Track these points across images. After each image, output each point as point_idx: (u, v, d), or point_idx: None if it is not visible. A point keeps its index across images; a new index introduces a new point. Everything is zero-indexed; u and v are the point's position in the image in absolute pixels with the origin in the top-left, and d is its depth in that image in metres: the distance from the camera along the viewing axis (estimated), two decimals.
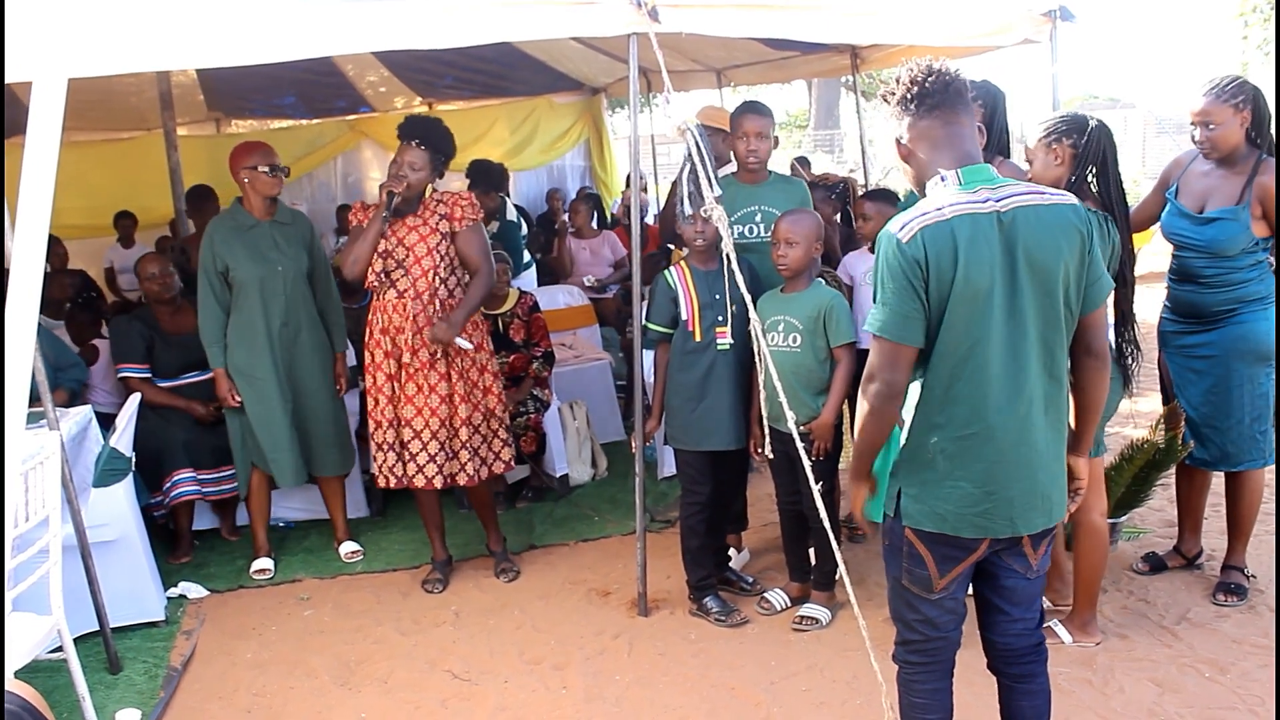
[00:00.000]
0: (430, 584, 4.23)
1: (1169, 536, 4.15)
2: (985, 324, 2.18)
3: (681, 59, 6.87)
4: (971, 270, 2.15)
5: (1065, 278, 2.21)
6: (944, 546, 2.35)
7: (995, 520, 2.28)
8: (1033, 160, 3.36)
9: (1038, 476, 2.29)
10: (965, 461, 2.27)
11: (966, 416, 2.25)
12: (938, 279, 2.17)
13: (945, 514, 2.30)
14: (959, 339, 2.20)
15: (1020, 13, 4.15)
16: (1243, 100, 3.49)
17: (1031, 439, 2.26)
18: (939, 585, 2.39)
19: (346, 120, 9.11)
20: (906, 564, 2.41)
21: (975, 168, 2.26)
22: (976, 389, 2.23)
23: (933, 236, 2.16)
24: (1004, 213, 2.18)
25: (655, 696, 3.33)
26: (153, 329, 4.74)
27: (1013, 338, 2.20)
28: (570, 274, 7.37)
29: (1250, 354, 3.58)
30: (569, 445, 5.36)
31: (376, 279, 3.99)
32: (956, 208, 2.18)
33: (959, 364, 2.22)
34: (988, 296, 2.17)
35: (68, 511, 3.36)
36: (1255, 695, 3.17)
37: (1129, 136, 19.11)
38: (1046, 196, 2.24)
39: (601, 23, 3.43)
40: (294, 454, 4.38)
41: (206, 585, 4.35)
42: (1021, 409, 2.24)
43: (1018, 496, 2.28)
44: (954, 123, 2.28)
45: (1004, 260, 2.17)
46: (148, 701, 3.44)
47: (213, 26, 3.08)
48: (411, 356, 3.98)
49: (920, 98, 2.28)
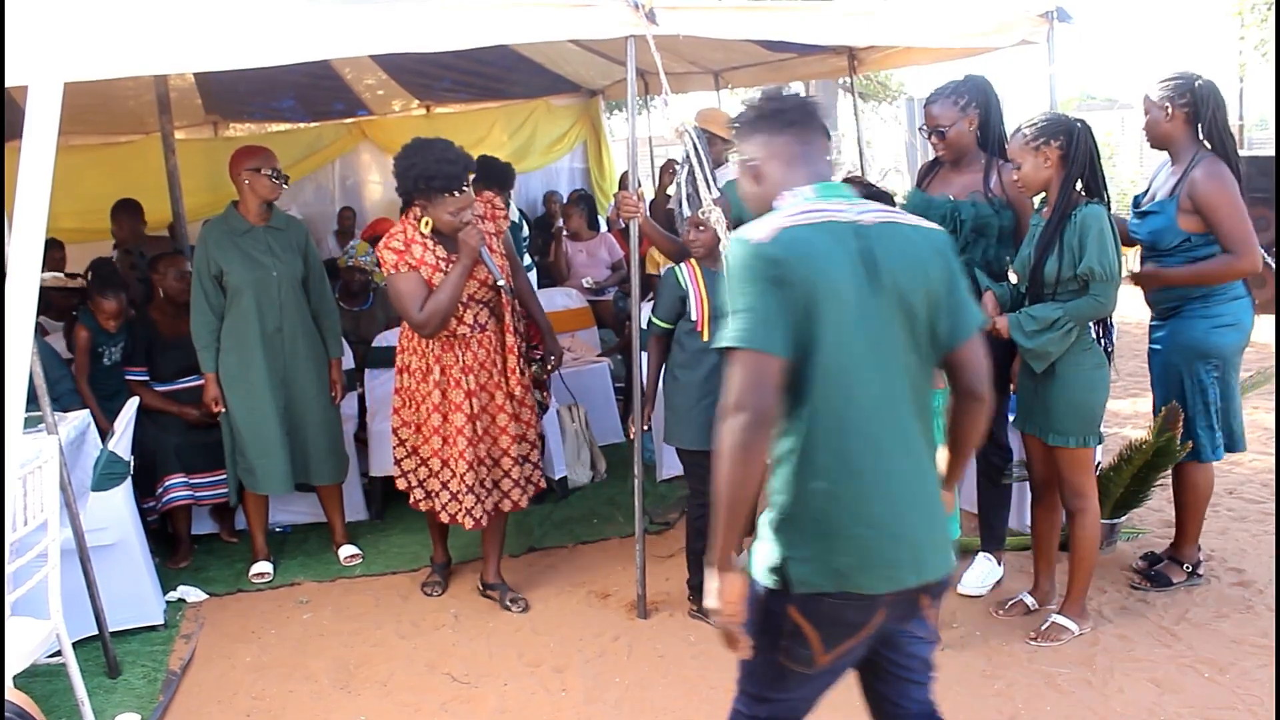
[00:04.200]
0: (430, 586, 4.22)
1: (1166, 537, 4.14)
2: (855, 337, 1.96)
3: (679, 61, 6.87)
4: (833, 275, 1.95)
5: (928, 303, 2.01)
6: (834, 621, 2.03)
7: (901, 569, 2.01)
8: (1020, 164, 3.37)
9: (932, 519, 2.06)
10: (859, 505, 1.98)
11: (854, 452, 1.98)
12: (795, 282, 1.93)
13: (845, 569, 1.99)
14: (831, 355, 1.95)
15: (1017, 13, 4.15)
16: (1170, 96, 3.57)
17: (921, 476, 2.05)
18: (823, 661, 2.06)
19: (345, 123, 9.09)
20: (785, 643, 2.06)
21: (830, 184, 2.12)
22: (859, 416, 1.97)
23: (791, 237, 1.97)
24: (862, 225, 2.02)
25: (655, 698, 3.33)
26: (151, 332, 4.74)
27: (883, 357, 1.99)
28: (566, 279, 7.36)
29: (1188, 350, 3.65)
30: (568, 448, 5.36)
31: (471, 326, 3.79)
32: (812, 214, 2.03)
33: (834, 387, 1.96)
34: (848, 309, 1.95)
35: (66, 515, 3.35)
36: (1255, 695, 3.18)
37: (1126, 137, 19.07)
38: (911, 219, 2.11)
39: (599, 25, 3.44)
40: (284, 460, 4.36)
41: (205, 589, 4.34)
42: (909, 442, 2.02)
43: (923, 538, 2.03)
44: (810, 142, 2.15)
45: (865, 272, 1.97)
46: (147, 705, 3.44)
47: (210, 30, 3.08)
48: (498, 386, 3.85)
49: (776, 114, 2.16)
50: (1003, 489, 3.99)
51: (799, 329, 1.94)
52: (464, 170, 3.65)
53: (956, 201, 3.72)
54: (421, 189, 3.63)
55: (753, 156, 2.18)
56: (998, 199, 3.70)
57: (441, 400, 3.83)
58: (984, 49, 4.47)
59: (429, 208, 3.67)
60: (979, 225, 3.69)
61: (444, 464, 3.87)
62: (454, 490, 3.86)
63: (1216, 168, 3.50)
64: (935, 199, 3.78)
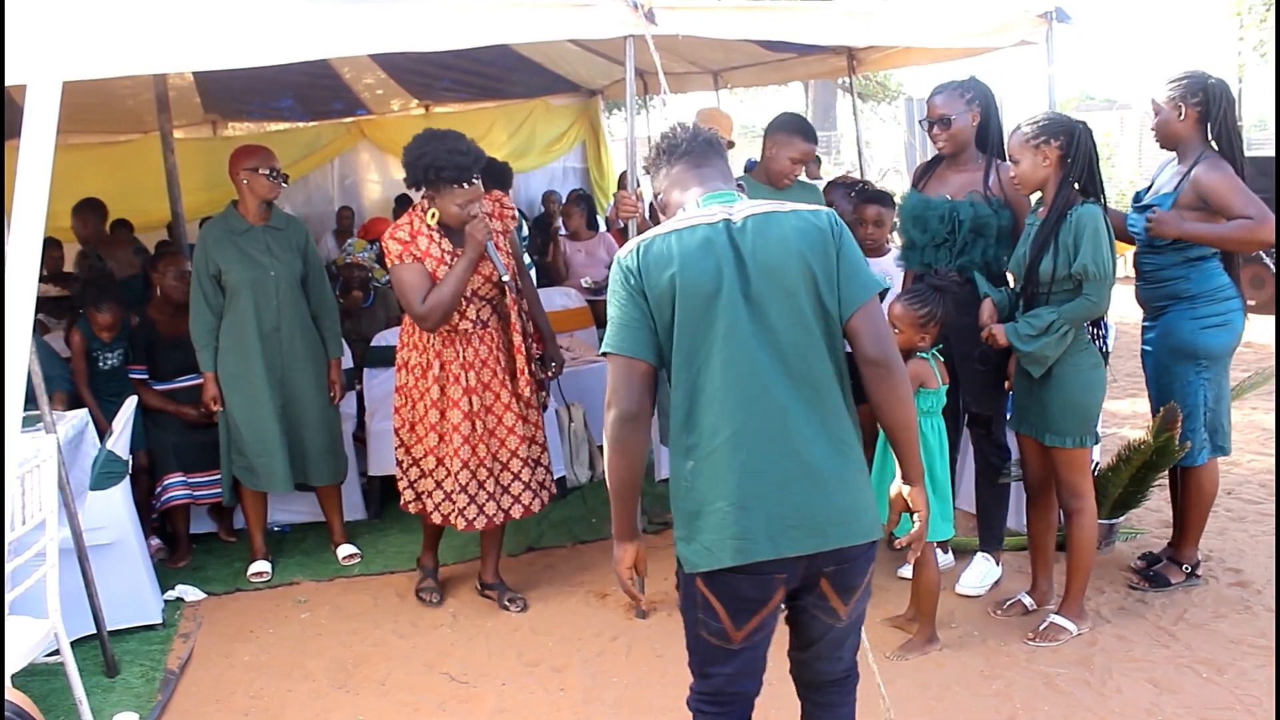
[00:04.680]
0: (426, 593, 4.11)
1: (1164, 537, 4.15)
2: (714, 329, 2.11)
3: (678, 61, 6.87)
4: (689, 274, 2.11)
5: (809, 279, 2.13)
6: (734, 595, 2.16)
7: (754, 541, 2.09)
8: (1019, 160, 3.38)
9: (803, 492, 2.11)
10: (716, 478, 2.12)
11: (711, 428, 2.13)
12: (652, 287, 2.13)
13: (711, 546, 2.13)
14: (691, 348, 2.13)
15: (1016, 14, 4.16)
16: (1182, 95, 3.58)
17: (793, 449, 2.11)
18: (737, 637, 2.21)
19: (344, 123, 9.10)
20: (701, 615, 2.22)
21: (716, 194, 2.26)
22: (716, 398, 2.12)
23: (648, 249, 2.17)
24: (735, 222, 2.17)
25: (653, 698, 3.33)
26: (150, 331, 4.74)
27: (749, 342, 2.11)
28: (564, 279, 7.36)
29: (1176, 351, 3.67)
30: (566, 447, 5.35)
31: (473, 321, 3.77)
32: (680, 223, 2.20)
33: (696, 375, 2.14)
34: (712, 301, 2.11)
35: (64, 514, 3.35)
36: (1253, 695, 3.18)
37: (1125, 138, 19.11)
38: (789, 206, 2.23)
39: (598, 25, 3.44)
40: (283, 459, 4.35)
41: (204, 588, 4.34)
42: (772, 415, 2.11)
43: (776, 512, 2.10)
44: (702, 165, 2.33)
45: (734, 265, 2.12)
46: (145, 705, 3.43)
47: (209, 29, 3.08)
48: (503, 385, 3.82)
49: (670, 149, 2.35)
50: (1001, 489, 3.99)
51: (663, 331, 2.15)
52: (474, 163, 3.62)
53: (954, 201, 3.73)
54: (431, 179, 3.59)
55: (658, 189, 2.40)
56: (996, 198, 3.70)
57: (440, 396, 3.80)
58: (983, 49, 4.48)
59: (437, 199, 3.64)
60: (977, 225, 3.69)
61: (438, 462, 3.84)
62: (447, 490, 3.83)
63: (1219, 163, 3.52)
64: (933, 199, 3.79)
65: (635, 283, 2.16)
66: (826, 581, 2.19)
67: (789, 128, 3.94)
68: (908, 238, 3.86)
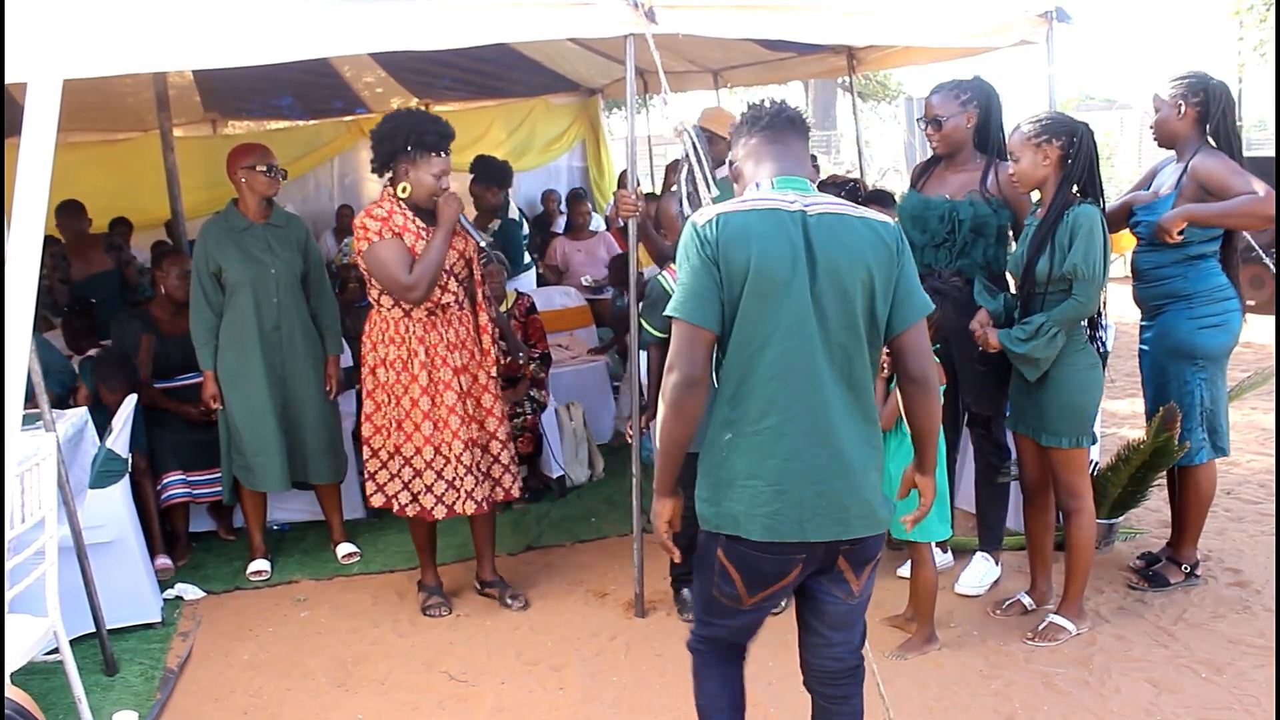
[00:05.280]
0: (433, 609, 4.01)
1: (1163, 537, 4.15)
2: (779, 316, 2.19)
3: (678, 60, 6.87)
4: (766, 259, 2.17)
5: (867, 287, 2.21)
6: (753, 568, 2.29)
7: (783, 522, 2.23)
8: (1019, 158, 3.38)
9: (834, 483, 2.23)
10: (757, 459, 2.23)
11: (759, 411, 2.23)
12: (728, 261, 2.18)
13: (737, 515, 2.26)
14: (753, 329, 2.20)
15: (1016, 14, 4.16)
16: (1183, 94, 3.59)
17: (831, 443, 2.23)
18: (748, 602, 2.36)
19: (344, 121, 9.09)
20: (717, 579, 2.36)
21: (790, 178, 2.32)
22: (770, 383, 2.21)
23: (728, 221, 2.22)
24: (810, 214, 2.23)
25: (652, 697, 3.33)
26: (151, 329, 4.74)
27: (809, 336, 2.20)
28: (561, 279, 7.37)
29: (1173, 351, 3.67)
30: (566, 446, 5.36)
31: (454, 296, 3.80)
32: (759, 202, 2.26)
33: (753, 356, 2.22)
34: (784, 289, 2.18)
35: (64, 513, 3.35)
36: (1251, 695, 3.18)
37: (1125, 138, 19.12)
38: (861, 210, 2.30)
39: (598, 24, 3.43)
40: (281, 458, 4.35)
41: (203, 587, 4.34)
42: (817, 409, 2.22)
43: (809, 499, 2.22)
44: (779, 142, 2.38)
45: (805, 257, 2.19)
46: (144, 703, 3.43)
47: (209, 27, 3.08)
48: (479, 366, 3.88)
49: (753, 120, 2.41)
50: (1001, 488, 3.99)
51: (729, 306, 2.21)
52: (450, 134, 3.72)
53: (954, 201, 3.72)
54: (411, 146, 3.64)
55: (734, 157, 2.46)
56: (995, 198, 3.70)
57: (429, 382, 3.76)
58: (983, 49, 4.47)
59: (412, 170, 3.68)
60: (977, 225, 3.69)
61: (436, 451, 3.78)
62: (449, 477, 3.80)
63: (1214, 151, 3.55)
64: (932, 199, 3.78)
65: (710, 252, 2.20)
66: (844, 559, 2.33)
67: None
68: (907, 237, 3.85)
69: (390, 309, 3.76)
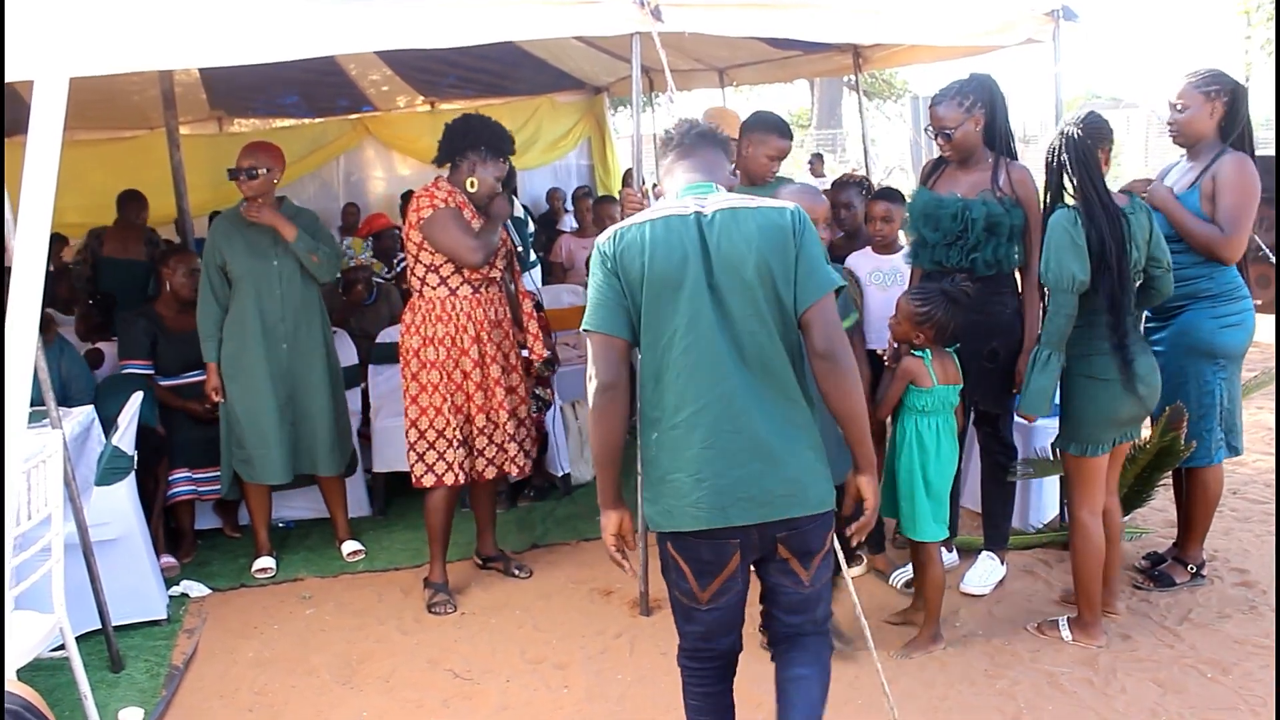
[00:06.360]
0: (440, 606, 4.02)
1: (1169, 537, 4.14)
2: (679, 314, 2.30)
3: (684, 58, 6.86)
4: (657, 262, 2.30)
5: (765, 274, 2.30)
6: (696, 558, 2.39)
7: (707, 510, 2.32)
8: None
9: (751, 466, 2.31)
10: (677, 452, 2.34)
11: (674, 406, 2.34)
12: (626, 270, 2.33)
13: (671, 509, 2.37)
14: (659, 329, 2.33)
15: (1022, 12, 4.15)
16: (1217, 90, 3.58)
17: (745, 428, 2.31)
18: (703, 598, 2.43)
19: (349, 119, 9.11)
20: (673, 576, 2.47)
21: (694, 185, 2.44)
22: (679, 378, 2.32)
23: (623, 235, 2.36)
24: (705, 215, 2.34)
25: (657, 696, 3.33)
26: (157, 326, 4.75)
27: (710, 329, 2.30)
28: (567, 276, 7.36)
29: (1194, 350, 3.64)
30: (571, 444, 5.36)
31: (499, 274, 4.09)
32: (656, 213, 2.38)
33: (663, 354, 2.34)
34: (677, 289, 2.30)
35: (70, 510, 3.36)
36: (1257, 696, 3.17)
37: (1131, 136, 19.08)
38: (758, 201, 2.39)
39: (604, 22, 3.43)
40: (282, 451, 4.36)
41: (208, 584, 4.35)
42: (726, 396, 2.30)
43: (727, 485, 2.31)
44: (690, 156, 2.51)
45: (700, 256, 2.31)
46: (150, 700, 3.44)
47: (215, 26, 3.09)
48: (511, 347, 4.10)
49: (666, 142, 2.56)
50: (1007, 487, 3.98)
51: (636, 308, 2.35)
52: (513, 146, 4.07)
53: (967, 200, 3.71)
54: (484, 147, 3.91)
55: (659, 179, 2.60)
56: (1007, 198, 3.69)
57: (479, 355, 3.96)
58: (989, 47, 4.47)
59: (480, 168, 3.91)
60: (990, 224, 3.67)
61: (487, 418, 4.01)
62: (499, 441, 4.05)
63: (1246, 163, 3.53)
64: (945, 198, 3.77)
65: (611, 266, 2.35)
66: (783, 547, 2.40)
67: (764, 126, 3.90)
68: (918, 235, 3.83)
69: (436, 288, 3.91)
